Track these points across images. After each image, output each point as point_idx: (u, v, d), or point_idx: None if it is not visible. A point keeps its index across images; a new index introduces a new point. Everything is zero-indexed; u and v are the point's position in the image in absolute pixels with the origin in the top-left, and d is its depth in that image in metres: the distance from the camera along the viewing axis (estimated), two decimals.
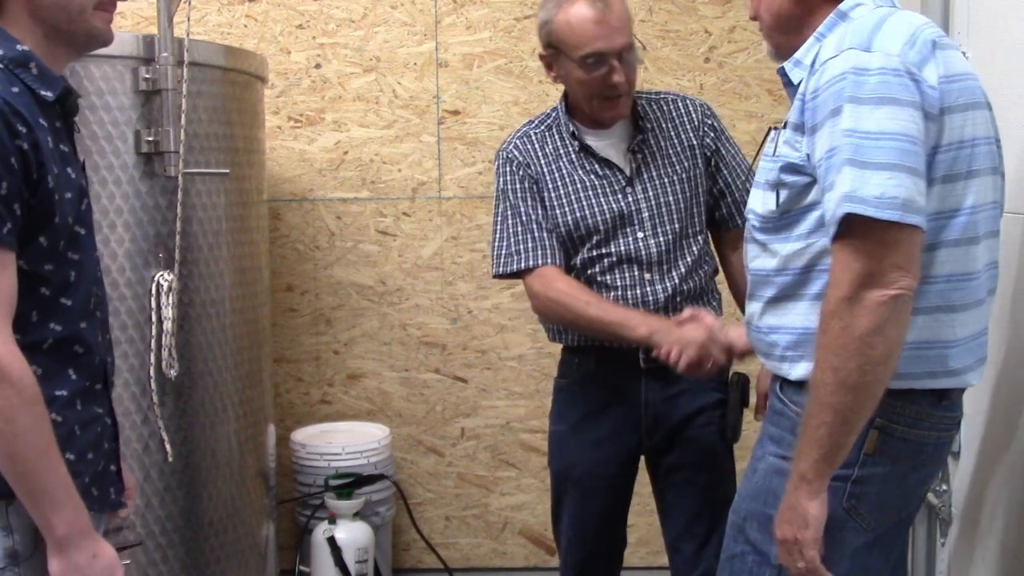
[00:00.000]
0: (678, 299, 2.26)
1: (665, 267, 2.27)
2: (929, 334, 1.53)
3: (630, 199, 2.26)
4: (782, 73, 1.67)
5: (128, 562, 2.39)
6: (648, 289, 2.26)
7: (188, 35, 2.46)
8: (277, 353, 3.46)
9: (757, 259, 1.67)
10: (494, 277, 2.36)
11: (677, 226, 2.27)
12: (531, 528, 3.61)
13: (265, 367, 2.96)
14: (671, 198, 2.27)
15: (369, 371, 3.57)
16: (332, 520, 3.07)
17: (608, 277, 2.27)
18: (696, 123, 2.33)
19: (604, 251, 2.27)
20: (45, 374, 1.47)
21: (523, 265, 2.27)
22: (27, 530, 1.47)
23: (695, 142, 2.32)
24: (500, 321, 3.54)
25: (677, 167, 2.29)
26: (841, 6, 1.60)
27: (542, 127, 2.36)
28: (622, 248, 2.26)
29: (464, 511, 3.61)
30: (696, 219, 2.31)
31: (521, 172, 2.31)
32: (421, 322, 3.55)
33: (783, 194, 1.58)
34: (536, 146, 2.33)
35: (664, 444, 2.34)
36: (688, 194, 2.29)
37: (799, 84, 1.59)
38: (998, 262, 1.65)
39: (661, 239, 2.26)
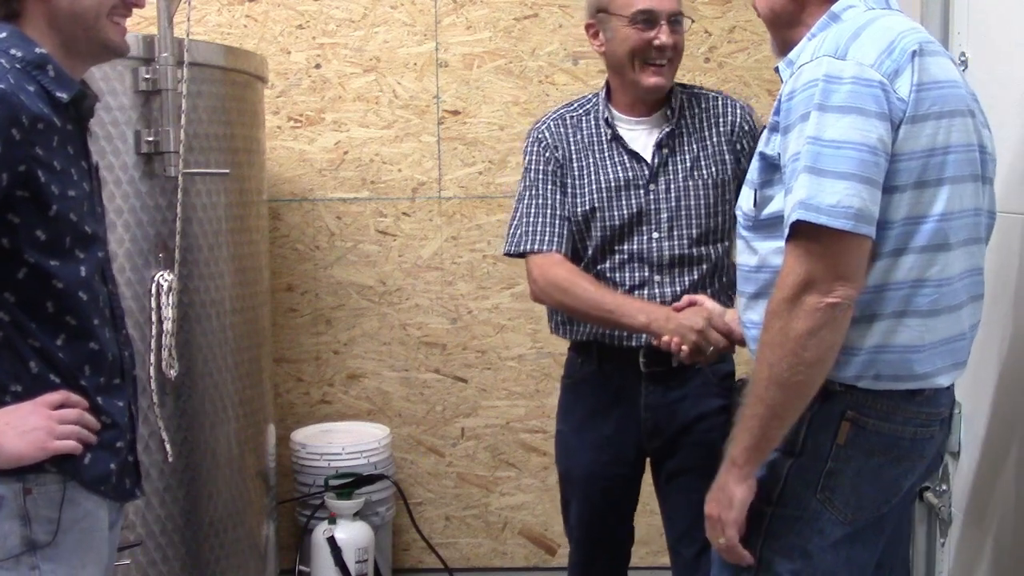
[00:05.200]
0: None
1: (676, 271, 2.23)
2: (891, 338, 1.55)
3: (651, 196, 2.23)
4: (778, 72, 1.68)
5: (128, 562, 2.40)
6: (656, 291, 2.23)
7: (188, 35, 2.46)
8: (277, 353, 3.46)
9: (741, 255, 1.71)
10: (504, 254, 2.35)
11: (695, 231, 2.23)
12: (531, 528, 3.61)
13: (265, 367, 2.96)
14: (692, 201, 2.23)
15: (369, 371, 3.57)
16: (332, 520, 3.07)
17: (617, 274, 2.25)
18: (733, 126, 2.28)
19: (617, 247, 2.25)
20: (63, 371, 1.52)
21: (529, 247, 2.26)
22: (46, 520, 1.50)
23: (727, 146, 2.26)
24: (500, 321, 3.54)
25: (704, 170, 2.24)
26: (834, 7, 1.61)
27: (580, 111, 2.33)
28: (635, 247, 2.24)
29: (464, 511, 3.61)
30: (719, 226, 2.25)
31: (548, 154, 2.30)
32: (421, 322, 3.55)
33: (759, 193, 1.62)
34: (570, 130, 2.31)
35: (667, 448, 2.32)
36: (712, 199, 2.23)
37: None
38: (982, 268, 1.65)
39: (676, 242, 2.23)
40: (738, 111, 2.30)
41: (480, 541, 3.62)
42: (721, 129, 2.27)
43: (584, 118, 2.31)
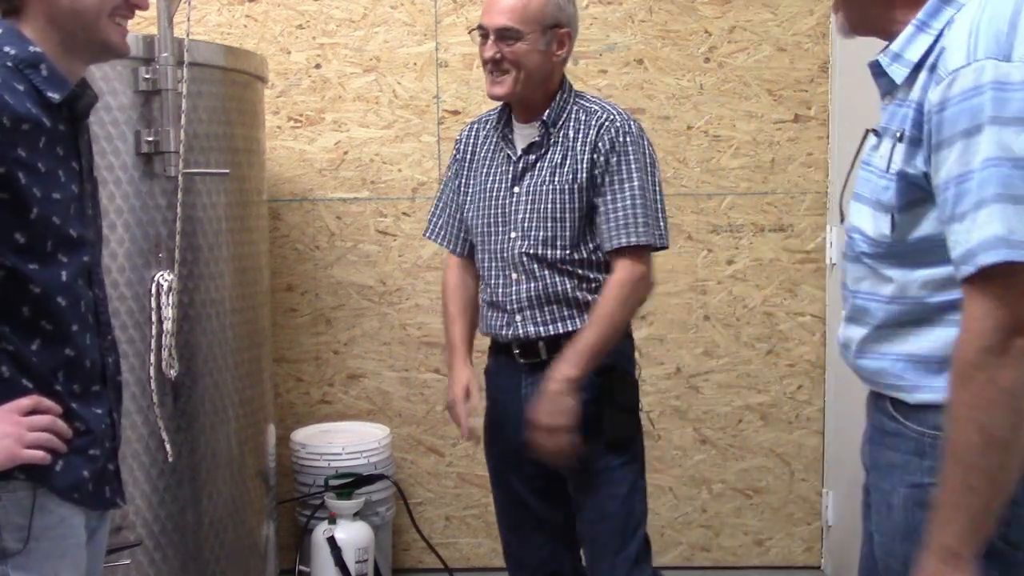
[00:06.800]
0: (541, 301, 2.31)
1: (532, 268, 2.31)
2: None
3: (513, 199, 2.33)
4: (876, 66, 1.48)
5: (128, 562, 2.40)
6: (513, 288, 2.33)
7: (188, 35, 2.46)
8: (277, 353, 3.46)
9: (864, 281, 1.53)
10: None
11: (546, 234, 2.29)
12: None
13: (265, 367, 2.96)
14: (544, 206, 2.29)
15: (369, 371, 3.57)
16: (332, 520, 3.07)
17: (487, 274, 2.39)
18: (594, 139, 2.28)
19: (483, 247, 2.39)
20: (36, 376, 1.49)
21: (438, 242, 2.52)
22: (16, 527, 1.47)
23: (584, 156, 2.28)
24: None
25: (558, 177, 2.29)
26: None
27: (497, 112, 2.43)
28: (496, 246, 2.35)
29: (464, 511, 3.61)
30: (568, 232, 2.29)
31: (458, 156, 2.47)
32: (421, 322, 3.55)
33: (899, 216, 1.43)
34: (482, 133, 2.45)
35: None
36: (562, 205, 2.28)
37: (903, 83, 1.43)
38: None
39: (528, 242, 2.30)
40: (602, 125, 2.28)
41: (480, 541, 3.62)
42: (586, 140, 2.29)
43: (499, 119, 2.42)
